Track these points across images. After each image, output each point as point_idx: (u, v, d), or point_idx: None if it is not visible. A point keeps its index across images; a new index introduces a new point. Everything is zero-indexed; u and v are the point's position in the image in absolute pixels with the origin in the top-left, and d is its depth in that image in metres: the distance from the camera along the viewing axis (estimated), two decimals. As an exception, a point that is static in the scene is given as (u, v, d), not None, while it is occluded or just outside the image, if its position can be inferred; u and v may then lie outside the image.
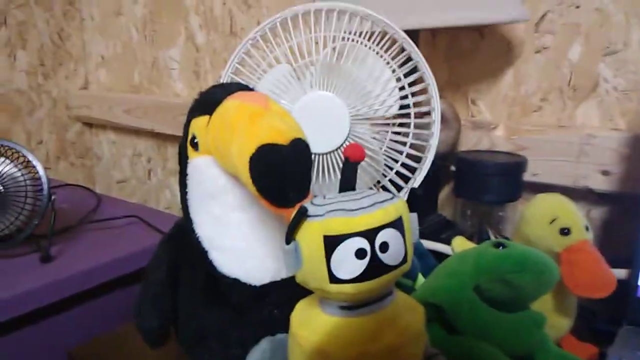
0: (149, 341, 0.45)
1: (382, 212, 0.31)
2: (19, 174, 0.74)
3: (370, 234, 0.30)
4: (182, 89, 1.10)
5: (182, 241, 0.45)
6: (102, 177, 1.33)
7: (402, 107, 0.57)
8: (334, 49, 0.57)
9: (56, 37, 1.21)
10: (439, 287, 0.42)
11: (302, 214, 0.32)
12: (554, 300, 0.47)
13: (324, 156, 0.56)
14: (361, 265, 0.30)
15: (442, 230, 0.66)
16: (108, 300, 0.74)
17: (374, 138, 0.57)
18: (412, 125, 0.57)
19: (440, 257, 0.56)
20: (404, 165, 0.57)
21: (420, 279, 0.51)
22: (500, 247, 0.40)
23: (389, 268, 0.31)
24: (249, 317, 0.43)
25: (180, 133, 0.47)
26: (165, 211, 1.14)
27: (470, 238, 0.52)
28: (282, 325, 0.43)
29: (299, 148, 0.36)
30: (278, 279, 0.43)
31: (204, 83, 1.06)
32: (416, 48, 0.55)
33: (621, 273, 0.51)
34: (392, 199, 0.33)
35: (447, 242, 0.60)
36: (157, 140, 1.18)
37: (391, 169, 0.57)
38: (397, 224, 0.31)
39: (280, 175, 0.35)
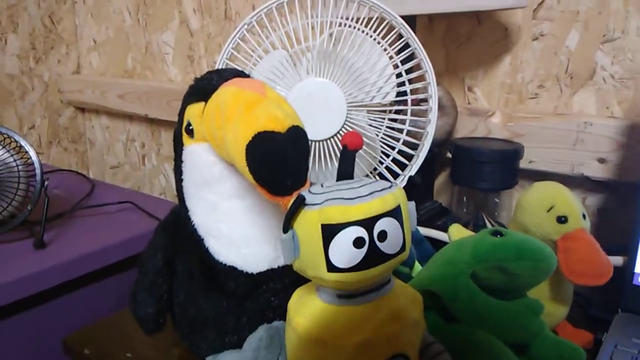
0: (145, 328, 0.45)
1: (381, 200, 0.31)
2: (11, 159, 0.73)
3: (368, 223, 0.30)
4: (176, 74, 1.09)
5: (178, 228, 0.45)
6: (96, 163, 1.32)
7: (399, 94, 0.57)
8: (330, 34, 0.56)
9: (47, 20, 1.19)
10: (436, 275, 0.42)
11: (300, 203, 0.32)
12: (550, 287, 0.47)
13: (320, 143, 0.56)
14: (359, 254, 0.30)
15: (438, 217, 0.66)
16: (102, 286, 0.73)
17: (370, 125, 0.57)
18: (409, 113, 0.56)
19: (437, 244, 0.56)
20: (400, 152, 0.57)
21: (417, 266, 0.51)
22: (498, 236, 0.40)
23: (387, 257, 0.31)
24: (245, 304, 0.43)
25: (174, 118, 0.46)
26: (160, 197, 1.13)
27: (466, 225, 0.52)
28: (279, 313, 0.43)
29: (297, 136, 0.36)
30: (275, 266, 0.43)
31: (198, 68, 1.05)
32: (414, 35, 0.55)
33: (617, 260, 0.51)
34: (390, 187, 0.32)
35: (443, 229, 0.60)
36: (151, 125, 1.17)
37: (388, 156, 0.57)
38: (395, 212, 0.31)
39: (278, 163, 0.35)
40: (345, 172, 0.35)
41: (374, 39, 0.56)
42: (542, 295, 0.47)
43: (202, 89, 0.43)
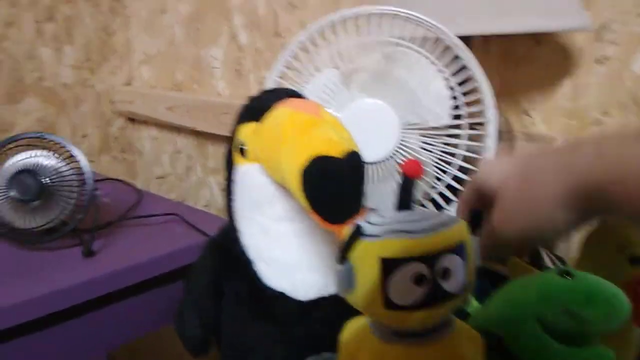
0: (190, 349, 0.45)
1: (444, 236, 0.29)
2: (64, 168, 0.75)
3: (430, 259, 0.29)
4: (224, 88, 1.10)
5: (227, 249, 0.45)
6: (143, 172, 1.35)
7: (454, 117, 0.55)
8: (384, 54, 0.55)
9: (102, 33, 1.23)
10: (497, 316, 0.39)
11: (358, 233, 0.30)
12: (617, 333, 0.44)
13: (372, 166, 0.54)
14: (420, 291, 0.29)
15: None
16: (147, 298, 0.74)
17: (423, 148, 0.55)
18: (464, 137, 0.54)
19: (491, 277, 0.54)
20: (454, 178, 0.55)
21: (473, 302, 0.48)
22: (566, 277, 0.37)
23: (449, 296, 0.29)
24: (293, 332, 0.41)
25: (220, 132, 0.46)
26: (204, 209, 1.14)
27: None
28: (327, 343, 0.41)
29: (354, 161, 0.35)
30: (325, 294, 0.42)
31: (245, 83, 1.05)
32: (472, 57, 0.53)
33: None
34: (454, 222, 0.31)
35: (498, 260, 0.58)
36: (198, 138, 1.18)
37: (441, 181, 0.55)
38: (459, 249, 0.30)
39: (334, 189, 0.34)
40: (405, 202, 0.33)
41: (429, 60, 0.55)
42: (606, 339, 0.44)
43: (255, 108, 0.43)
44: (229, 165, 0.46)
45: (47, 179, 0.72)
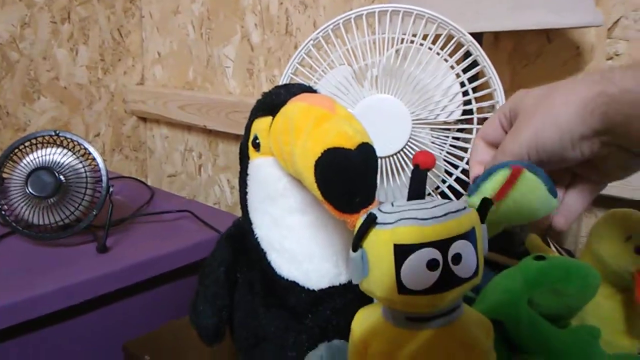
0: (205, 338, 0.46)
1: (456, 222, 0.30)
2: (79, 165, 0.76)
3: (443, 245, 0.29)
4: (235, 86, 1.11)
5: (241, 241, 0.45)
6: (154, 171, 1.36)
7: (464, 112, 0.56)
8: (397, 51, 0.56)
9: (116, 33, 1.25)
10: (495, 304, 0.41)
11: (371, 221, 0.31)
12: (624, 321, 0.44)
13: (383, 160, 0.55)
14: (433, 276, 0.29)
15: (500, 240, 0.64)
16: (161, 292, 0.75)
17: (433, 143, 0.56)
18: (474, 132, 0.55)
19: (497, 268, 0.54)
20: (464, 171, 0.56)
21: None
22: (541, 260, 0.41)
23: (461, 280, 0.30)
24: (306, 321, 0.42)
25: (231, 130, 0.47)
26: (215, 207, 1.15)
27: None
28: (339, 331, 0.42)
29: (367, 153, 0.36)
30: (337, 283, 0.42)
31: (257, 81, 1.06)
32: (483, 53, 0.53)
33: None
34: (464, 209, 0.31)
35: (505, 252, 0.58)
36: (209, 136, 1.19)
37: (450, 175, 0.56)
38: (470, 235, 0.30)
39: (347, 180, 0.35)
40: (417, 191, 0.34)
41: (441, 57, 0.55)
42: (616, 328, 0.45)
43: (270, 103, 0.43)
44: (244, 159, 0.47)
45: (63, 176, 0.74)
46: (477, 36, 0.60)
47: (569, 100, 0.33)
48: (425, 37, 0.55)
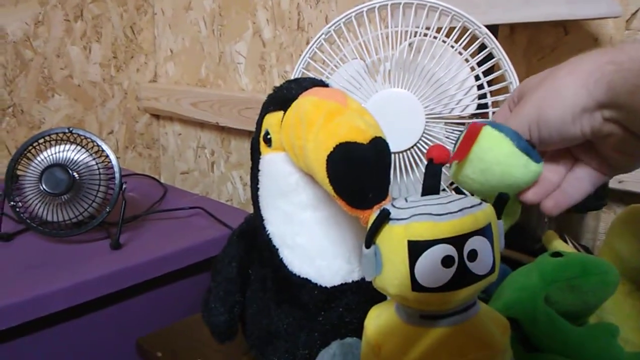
0: (217, 335, 0.45)
1: (472, 218, 0.29)
2: (93, 162, 0.76)
3: (458, 241, 0.29)
4: (247, 83, 1.11)
5: (252, 237, 0.45)
6: (167, 168, 1.37)
7: (479, 106, 0.55)
8: (410, 44, 0.55)
9: (129, 31, 1.25)
10: (511, 301, 0.41)
11: (384, 217, 0.30)
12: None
13: (397, 155, 0.54)
14: (448, 273, 0.28)
15: (516, 237, 0.63)
16: (174, 289, 0.75)
17: (447, 138, 0.55)
18: (490, 126, 0.54)
19: (514, 265, 0.54)
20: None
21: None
22: (558, 257, 0.40)
23: (476, 277, 0.29)
24: (318, 318, 0.42)
25: (244, 127, 0.46)
26: (227, 203, 1.15)
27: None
28: (352, 329, 0.42)
29: (380, 147, 0.35)
30: (349, 280, 0.42)
31: (268, 77, 1.06)
32: (499, 45, 0.52)
33: None
34: (480, 204, 0.31)
35: (522, 249, 0.57)
36: (221, 133, 1.19)
37: (466, 170, 0.55)
38: (486, 231, 0.29)
39: (360, 175, 0.34)
40: (431, 186, 0.33)
41: (455, 50, 0.54)
42: (635, 326, 0.44)
43: (282, 97, 0.43)
44: (255, 155, 0.46)
45: (77, 173, 0.74)
46: (492, 28, 0.59)
47: (574, 70, 0.33)
48: (439, 30, 0.54)
